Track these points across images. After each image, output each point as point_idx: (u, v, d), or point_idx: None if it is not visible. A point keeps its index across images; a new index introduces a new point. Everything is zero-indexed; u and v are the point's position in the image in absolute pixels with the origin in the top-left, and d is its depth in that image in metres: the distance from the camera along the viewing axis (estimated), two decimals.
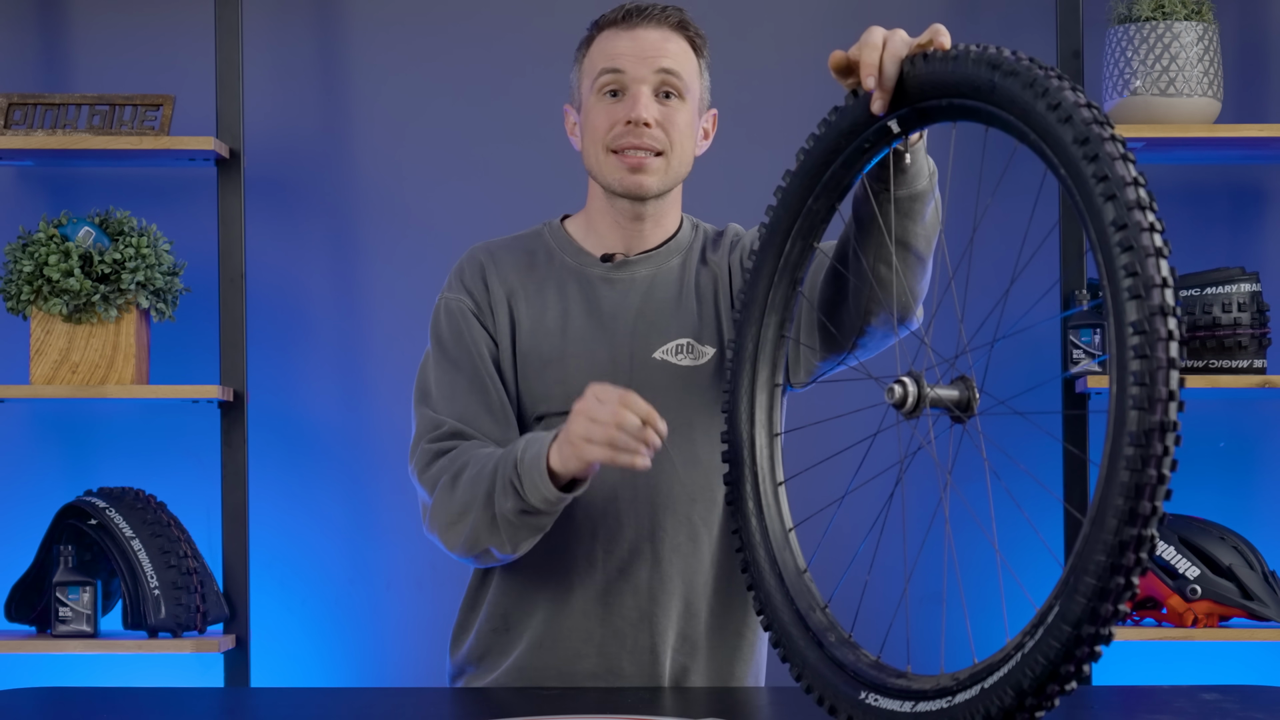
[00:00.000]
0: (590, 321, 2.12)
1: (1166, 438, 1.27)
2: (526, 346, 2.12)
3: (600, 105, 2.09)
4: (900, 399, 1.51)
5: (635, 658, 2.10)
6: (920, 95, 1.58)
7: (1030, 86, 1.41)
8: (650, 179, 2.09)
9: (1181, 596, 3.09)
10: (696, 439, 2.10)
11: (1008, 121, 1.45)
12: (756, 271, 1.79)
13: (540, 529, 2.00)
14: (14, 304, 3.16)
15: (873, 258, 1.89)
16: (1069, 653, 1.32)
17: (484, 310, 2.13)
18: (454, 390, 2.10)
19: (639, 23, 2.09)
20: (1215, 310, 3.16)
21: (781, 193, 1.75)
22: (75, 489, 3.30)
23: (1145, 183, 1.33)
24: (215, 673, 3.28)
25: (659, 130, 2.07)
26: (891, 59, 1.60)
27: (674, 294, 2.14)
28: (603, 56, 2.09)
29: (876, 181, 1.82)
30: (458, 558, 2.07)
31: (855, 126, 1.66)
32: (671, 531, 2.10)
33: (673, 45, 2.09)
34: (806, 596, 1.66)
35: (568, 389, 2.08)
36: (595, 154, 2.10)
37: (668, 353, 2.11)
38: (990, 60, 1.46)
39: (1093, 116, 1.37)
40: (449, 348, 2.12)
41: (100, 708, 2.01)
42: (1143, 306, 1.28)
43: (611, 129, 2.08)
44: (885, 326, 1.97)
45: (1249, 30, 3.46)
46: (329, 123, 3.47)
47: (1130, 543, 1.28)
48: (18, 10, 3.47)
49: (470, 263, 2.17)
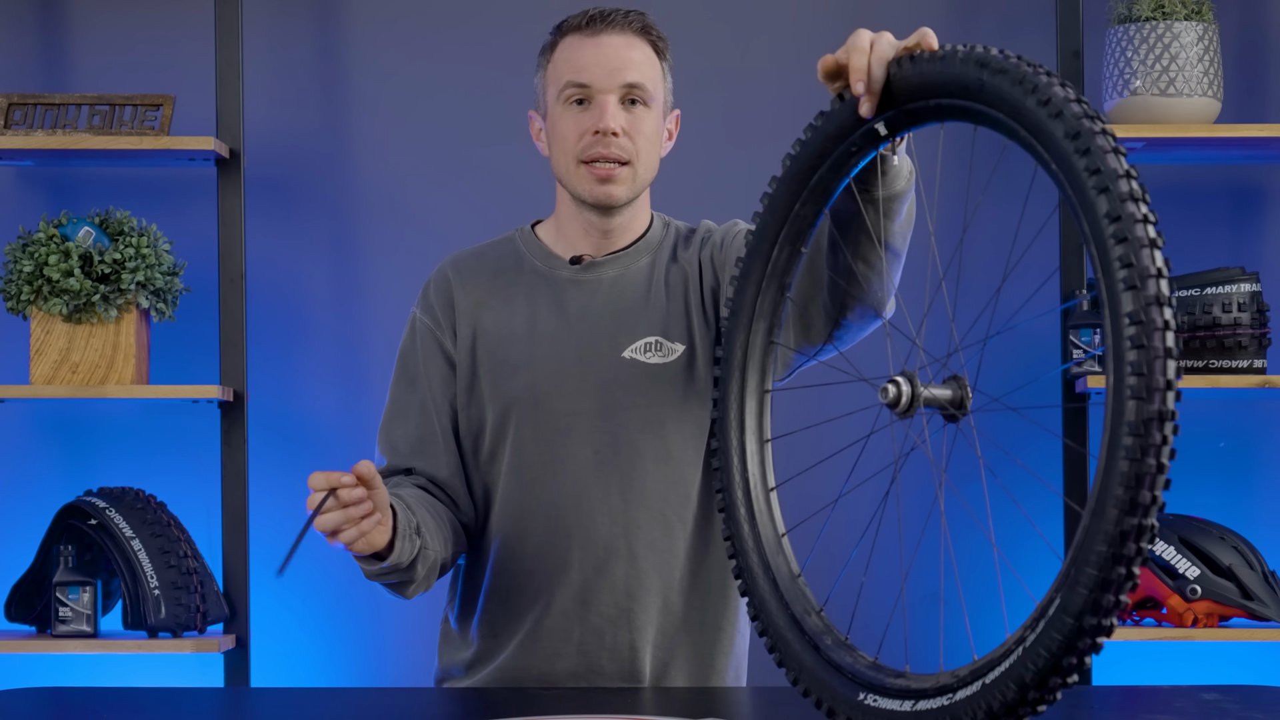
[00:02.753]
0: (558, 323, 2.13)
1: (1165, 427, 1.27)
2: (495, 353, 2.14)
3: (567, 115, 2.09)
4: (894, 399, 1.51)
5: (615, 655, 2.11)
6: (908, 97, 1.58)
7: (1020, 83, 1.41)
8: (619, 189, 2.10)
9: (1181, 596, 3.09)
10: (668, 435, 2.11)
11: (997, 119, 1.45)
12: (744, 277, 1.78)
13: (408, 581, 2.02)
14: (14, 304, 3.16)
15: (852, 255, 1.90)
16: (1071, 644, 1.32)
17: (444, 329, 2.17)
18: (406, 412, 2.17)
19: (603, 29, 2.09)
20: (1215, 310, 3.16)
21: (768, 199, 1.75)
22: (75, 489, 3.30)
23: (1137, 175, 1.33)
24: (215, 673, 3.28)
25: (626, 139, 2.08)
26: (879, 61, 1.59)
27: (642, 292, 2.14)
28: (568, 67, 2.09)
29: (858, 182, 1.81)
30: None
31: (842, 130, 1.66)
32: (646, 528, 2.10)
33: (637, 53, 2.10)
34: (801, 601, 1.66)
35: (536, 392, 2.10)
36: (565, 165, 2.11)
37: (637, 351, 2.12)
38: (978, 59, 1.46)
39: (1083, 111, 1.37)
40: (408, 365, 2.19)
41: (100, 708, 2.01)
42: (1138, 297, 1.29)
43: (580, 139, 2.08)
44: (860, 319, 1.98)
45: (1249, 30, 3.46)
46: (329, 123, 3.47)
47: (1131, 532, 1.28)
48: (18, 10, 3.47)
49: (438, 278, 2.21)
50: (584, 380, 2.10)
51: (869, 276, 1.91)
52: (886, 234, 1.88)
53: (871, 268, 1.90)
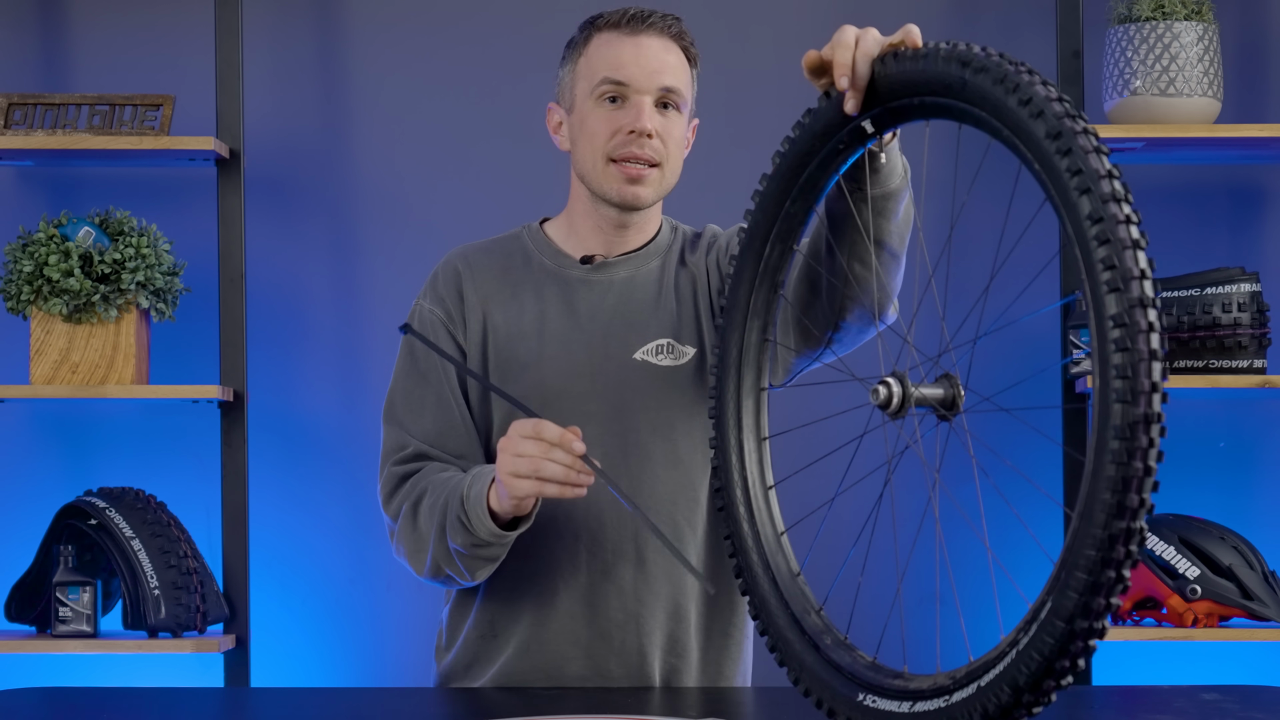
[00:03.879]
0: (568, 323, 2.12)
1: (1151, 430, 1.27)
2: (503, 351, 2.12)
3: (600, 111, 2.08)
4: (885, 400, 1.51)
5: (623, 660, 2.10)
6: (892, 94, 1.57)
7: (1001, 82, 1.41)
8: (646, 190, 2.09)
9: (1181, 596, 3.09)
10: (678, 439, 2.10)
11: (980, 118, 1.45)
12: (737, 277, 1.78)
13: (495, 559, 2.01)
14: (14, 304, 3.17)
15: (847, 255, 1.90)
16: (1063, 648, 1.32)
17: (455, 321, 2.14)
18: (421, 405, 2.12)
19: (643, 30, 2.08)
20: (1215, 310, 3.16)
21: (759, 197, 1.75)
22: (75, 489, 3.30)
23: (1120, 175, 1.32)
24: (215, 673, 3.28)
25: (658, 142, 2.07)
26: (863, 58, 1.59)
27: (653, 294, 2.13)
28: (604, 64, 2.08)
29: (850, 180, 1.81)
30: (426, 580, 2.09)
31: (829, 128, 1.66)
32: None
33: (672, 57, 2.09)
34: (801, 600, 1.66)
35: (545, 392, 2.08)
36: (593, 161, 2.09)
37: (648, 353, 2.11)
38: (960, 57, 1.46)
39: (1064, 110, 1.36)
40: (419, 358, 2.14)
41: (100, 708, 2.01)
42: (1122, 299, 1.28)
43: (613, 137, 2.07)
44: (860, 322, 1.97)
45: (1249, 30, 3.46)
46: (329, 123, 3.47)
47: (1119, 536, 1.28)
48: (18, 10, 3.47)
49: (446, 270, 2.17)
50: (594, 381, 2.09)
51: (865, 278, 1.91)
52: (883, 233, 1.88)
53: (868, 268, 1.90)
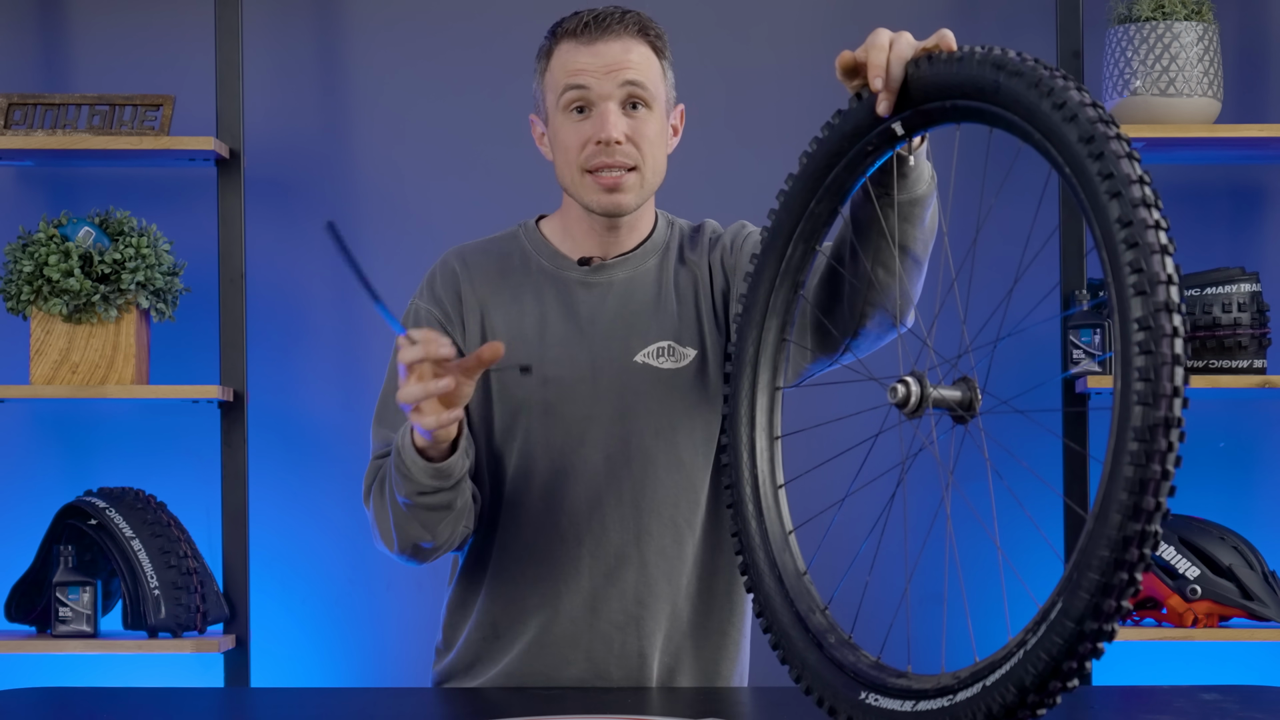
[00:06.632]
0: (568, 326, 2.11)
1: (1171, 433, 1.27)
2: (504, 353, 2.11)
3: (568, 124, 2.06)
4: (903, 399, 1.52)
5: (623, 662, 2.10)
6: (924, 97, 1.58)
7: (1035, 86, 1.42)
8: (627, 196, 2.06)
9: (1181, 596, 3.09)
10: (679, 441, 2.09)
11: (1012, 122, 1.45)
12: (758, 275, 1.78)
13: (446, 506, 1.97)
14: (14, 304, 3.16)
15: (871, 260, 1.89)
16: (1072, 649, 1.32)
17: (453, 321, 2.12)
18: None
19: (599, 37, 2.05)
20: (1215, 310, 3.16)
21: (784, 196, 1.75)
22: (75, 489, 3.30)
23: (1150, 180, 1.33)
24: (215, 673, 3.28)
25: (630, 146, 2.04)
26: (897, 60, 1.59)
27: (653, 296, 2.12)
28: (564, 72, 2.05)
29: (877, 185, 1.81)
30: (405, 562, 2.07)
31: (859, 129, 1.66)
32: (657, 534, 2.09)
33: (634, 55, 2.05)
34: (806, 599, 1.66)
35: (546, 395, 2.08)
36: (570, 174, 2.07)
37: (649, 356, 2.10)
38: (995, 61, 1.47)
39: (1097, 115, 1.37)
40: None
41: (100, 708, 2.00)
42: (1148, 303, 1.29)
43: (583, 149, 2.05)
44: (879, 328, 1.97)
45: (1249, 30, 3.46)
46: (329, 123, 3.47)
47: (1134, 538, 1.28)
48: (18, 10, 3.47)
49: (444, 269, 2.16)
50: (596, 385, 2.08)
51: (888, 283, 1.90)
52: (908, 239, 1.88)
53: (891, 274, 1.89)
